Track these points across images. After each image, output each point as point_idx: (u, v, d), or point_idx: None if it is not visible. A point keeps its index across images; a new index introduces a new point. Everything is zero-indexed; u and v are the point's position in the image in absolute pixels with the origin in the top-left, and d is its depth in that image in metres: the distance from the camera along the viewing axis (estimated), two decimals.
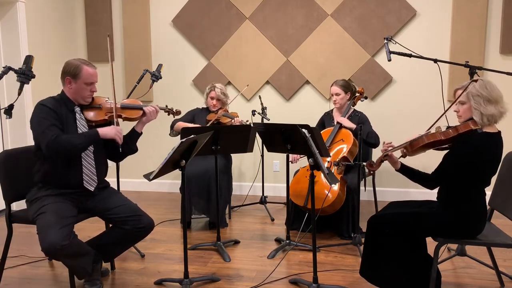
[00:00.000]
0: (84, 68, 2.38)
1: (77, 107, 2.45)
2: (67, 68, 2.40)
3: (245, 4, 4.53)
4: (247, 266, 2.86)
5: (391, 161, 2.29)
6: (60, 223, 2.16)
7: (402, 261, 2.20)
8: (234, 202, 4.20)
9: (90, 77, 2.40)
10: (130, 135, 2.59)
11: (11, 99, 3.86)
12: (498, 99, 2.08)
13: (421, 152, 2.29)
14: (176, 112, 2.84)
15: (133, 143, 2.59)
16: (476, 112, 2.09)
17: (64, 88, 2.45)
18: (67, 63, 2.42)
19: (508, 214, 2.27)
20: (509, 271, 2.67)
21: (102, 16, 4.81)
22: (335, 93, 3.52)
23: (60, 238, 2.09)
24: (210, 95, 3.77)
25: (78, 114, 2.44)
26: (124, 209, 2.42)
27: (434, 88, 4.16)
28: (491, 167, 2.14)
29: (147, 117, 2.57)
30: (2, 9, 4.04)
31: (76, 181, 2.38)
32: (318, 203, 3.05)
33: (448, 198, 2.22)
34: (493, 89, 2.09)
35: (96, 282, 2.42)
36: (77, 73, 2.37)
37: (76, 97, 2.43)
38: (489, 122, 2.10)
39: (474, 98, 2.09)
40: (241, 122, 3.54)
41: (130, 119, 2.57)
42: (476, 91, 2.09)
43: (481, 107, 2.07)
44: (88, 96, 2.46)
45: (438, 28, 4.22)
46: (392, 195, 4.28)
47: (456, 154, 2.14)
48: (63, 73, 2.41)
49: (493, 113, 2.08)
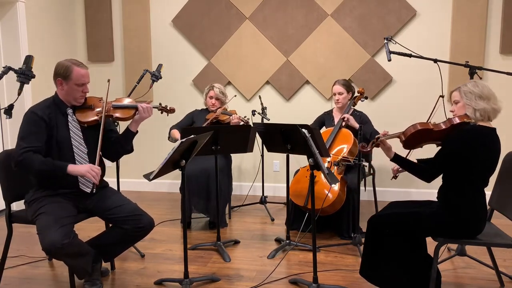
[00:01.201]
0: (75, 69, 2.35)
1: (70, 109, 2.44)
2: (58, 69, 2.37)
3: (245, 4, 4.53)
4: (247, 266, 2.86)
5: (384, 147, 2.37)
6: (60, 222, 2.16)
7: (402, 261, 2.20)
8: (234, 202, 4.20)
9: (81, 78, 2.37)
10: (125, 134, 2.55)
11: (11, 99, 3.86)
12: (490, 96, 2.17)
13: (418, 144, 2.34)
14: (170, 109, 2.73)
15: (128, 142, 2.55)
16: (469, 107, 2.18)
17: (57, 90, 2.43)
18: (58, 64, 2.39)
19: (508, 214, 2.28)
20: (509, 271, 2.67)
21: (102, 16, 4.81)
22: (338, 92, 3.52)
23: (60, 237, 2.09)
24: (209, 95, 3.78)
25: (70, 116, 2.43)
26: (124, 209, 2.41)
27: (434, 88, 4.16)
28: (486, 160, 2.14)
29: (141, 115, 2.50)
30: (2, 9, 4.04)
31: (71, 183, 2.37)
32: (318, 203, 3.06)
33: (448, 198, 2.22)
34: (484, 87, 2.19)
35: (96, 282, 2.42)
36: (68, 74, 2.34)
37: (68, 98, 2.41)
38: (482, 118, 2.16)
39: (466, 95, 2.19)
40: (239, 119, 3.54)
41: (122, 119, 2.52)
42: (468, 89, 2.20)
43: (473, 103, 2.17)
44: (80, 97, 2.43)
45: (438, 28, 4.22)
46: (392, 195, 4.28)
47: (450, 144, 2.18)
48: (55, 74, 2.39)
49: (485, 107, 2.15)
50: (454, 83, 4.01)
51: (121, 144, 2.54)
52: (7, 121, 4.11)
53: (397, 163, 2.36)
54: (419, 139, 2.30)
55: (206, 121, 3.64)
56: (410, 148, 2.41)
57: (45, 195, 2.33)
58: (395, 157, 2.35)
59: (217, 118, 3.64)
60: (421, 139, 2.30)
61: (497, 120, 2.21)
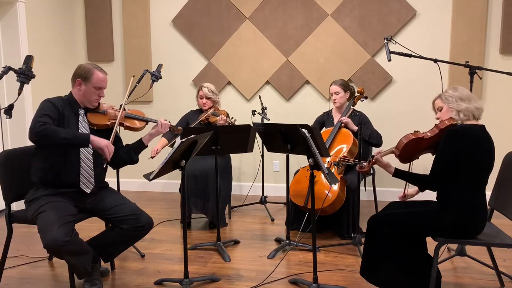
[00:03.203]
0: (96, 72, 2.44)
1: (82, 109, 2.49)
2: (79, 70, 2.46)
3: (245, 4, 4.53)
4: (247, 266, 2.86)
5: (381, 165, 2.35)
6: (61, 220, 2.17)
7: (402, 261, 2.20)
8: (234, 202, 4.20)
9: (100, 82, 2.46)
10: (137, 144, 2.64)
11: (11, 99, 3.86)
12: (470, 97, 2.23)
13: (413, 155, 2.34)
14: (178, 129, 2.81)
15: (136, 153, 2.64)
16: (452, 110, 2.25)
17: (73, 90, 2.49)
18: (80, 66, 2.48)
19: (508, 214, 2.28)
20: (509, 271, 2.67)
21: (102, 16, 4.82)
22: (335, 92, 3.53)
23: (62, 234, 2.11)
24: (199, 95, 3.81)
25: (81, 117, 2.48)
26: (122, 209, 2.42)
27: (434, 88, 4.15)
28: (481, 159, 2.14)
29: (158, 129, 2.64)
30: (2, 9, 4.04)
31: (72, 181, 2.39)
32: (318, 203, 3.06)
33: (448, 198, 2.22)
34: (463, 90, 2.26)
35: (96, 282, 2.43)
36: (88, 77, 2.43)
37: (83, 99, 2.48)
38: (467, 117, 2.20)
39: (447, 99, 2.27)
40: (225, 121, 3.55)
41: (131, 128, 2.61)
42: (448, 94, 2.28)
43: (455, 105, 2.23)
44: (95, 100, 2.50)
45: (438, 28, 4.22)
46: (392, 195, 4.28)
47: (441, 149, 2.18)
48: (74, 75, 2.47)
49: (467, 107, 2.20)
50: (454, 83, 4.01)
51: (130, 154, 2.61)
52: (7, 121, 4.11)
53: (399, 177, 2.32)
54: (413, 150, 2.31)
55: (198, 121, 3.65)
56: (407, 161, 2.39)
57: (46, 194, 2.34)
58: (396, 172, 2.32)
59: (207, 118, 3.67)
60: (414, 150, 2.31)
61: (497, 120, 2.21)
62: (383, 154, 2.37)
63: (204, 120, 3.67)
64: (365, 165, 2.39)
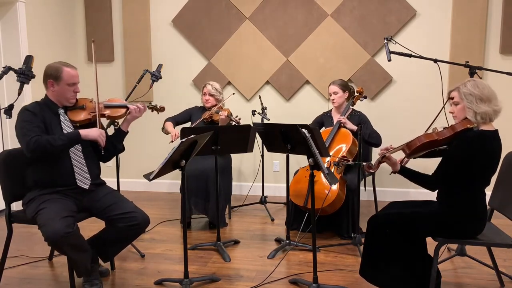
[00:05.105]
0: (65, 69, 2.42)
1: (61, 109, 2.48)
2: (48, 71, 2.43)
3: (245, 4, 4.53)
4: (247, 266, 2.86)
5: (390, 162, 2.32)
6: (62, 214, 2.19)
7: (402, 261, 2.20)
8: (234, 202, 4.20)
9: (71, 78, 2.43)
10: (117, 134, 2.62)
11: (11, 99, 3.85)
12: (491, 97, 2.11)
13: (421, 154, 2.31)
14: (160, 108, 2.86)
15: (119, 142, 2.62)
16: (470, 111, 2.13)
17: (47, 92, 2.47)
18: (48, 66, 2.45)
19: (508, 214, 2.27)
20: (509, 271, 2.67)
21: (102, 16, 4.81)
22: (333, 92, 3.53)
23: (63, 226, 2.12)
24: (203, 92, 3.81)
25: (62, 116, 2.47)
26: (118, 207, 2.42)
27: (434, 88, 4.15)
28: (489, 165, 2.13)
29: (132, 114, 2.58)
30: (2, 9, 4.04)
31: (69, 180, 2.40)
32: (318, 203, 3.06)
33: (448, 198, 2.22)
34: (485, 88, 2.12)
35: (96, 282, 2.42)
36: (58, 75, 2.40)
37: (60, 99, 2.46)
38: (484, 120, 2.12)
39: (466, 97, 2.13)
40: (227, 116, 3.51)
41: (114, 117, 2.59)
42: (468, 90, 2.12)
43: (474, 106, 2.11)
44: (72, 97, 2.48)
45: (438, 28, 4.22)
46: (392, 195, 4.28)
47: (454, 153, 2.15)
48: (45, 76, 2.44)
49: (486, 111, 2.10)
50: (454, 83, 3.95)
51: (112, 144, 2.58)
52: (7, 121, 4.11)
53: (403, 175, 2.30)
54: (424, 149, 2.27)
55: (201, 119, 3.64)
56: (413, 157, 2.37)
57: (44, 193, 2.34)
58: (401, 169, 2.30)
59: (211, 117, 3.66)
60: (424, 149, 2.27)
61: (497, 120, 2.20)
62: (392, 151, 2.33)
63: (207, 118, 3.65)
64: (374, 165, 2.37)
